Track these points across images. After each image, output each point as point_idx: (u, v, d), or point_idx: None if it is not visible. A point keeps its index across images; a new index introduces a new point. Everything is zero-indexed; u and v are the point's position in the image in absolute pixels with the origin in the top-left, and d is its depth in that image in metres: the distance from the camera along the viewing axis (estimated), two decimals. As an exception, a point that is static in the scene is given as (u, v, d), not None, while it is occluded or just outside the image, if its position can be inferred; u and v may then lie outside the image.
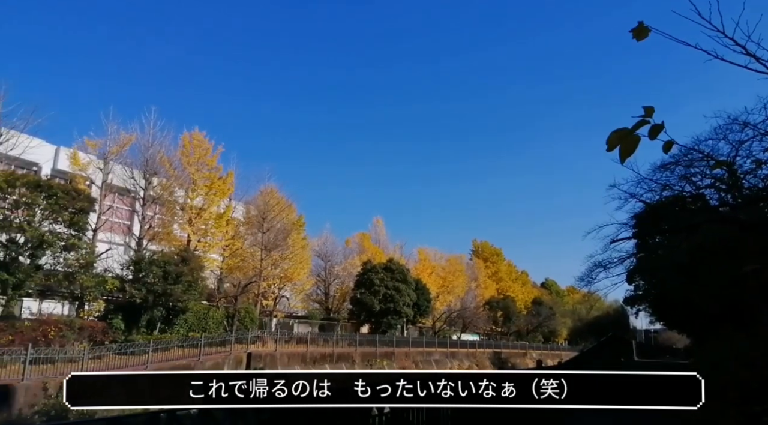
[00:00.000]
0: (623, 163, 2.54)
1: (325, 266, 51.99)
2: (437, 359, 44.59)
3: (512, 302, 71.58)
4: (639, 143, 2.50)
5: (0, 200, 22.81)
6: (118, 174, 32.64)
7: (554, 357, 63.02)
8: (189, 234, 34.05)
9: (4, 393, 17.72)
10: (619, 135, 2.51)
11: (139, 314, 27.46)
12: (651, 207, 21.43)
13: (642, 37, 2.90)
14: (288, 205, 41.36)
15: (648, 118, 2.51)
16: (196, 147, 34.75)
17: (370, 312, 43.53)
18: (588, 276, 23.49)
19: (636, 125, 2.52)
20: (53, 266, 24.55)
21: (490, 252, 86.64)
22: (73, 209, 24.20)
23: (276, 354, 30.12)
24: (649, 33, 2.88)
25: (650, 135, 2.51)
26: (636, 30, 2.89)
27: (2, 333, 22.16)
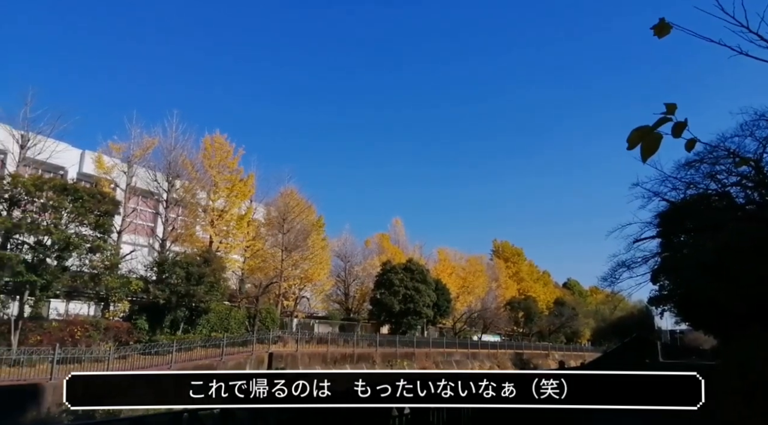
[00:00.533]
0: (645, 161, 2.50)
1: (345, 267, 52.17)
2: (458, 359, 44.39)
3: (534, 303, 70.89)
4: (661, 141, 2.46)
5: (28, 203, 23.34)
6: (141, 177, 33.22)
7: (577, 357, 62.28)
8: (211, 236, 34.48)
9: (34, 392, 18.16)
10: (640, 133, 2.47)
11: (163, 314, 27.88)
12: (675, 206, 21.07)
13: (663, 34, 2.85)
14: (308, 206, 41.63)
15: (670, 115, 2.46)
16: (217, 150, 35.19)
17: (390, 313, 43.53)
18: (611, 276, 23.21)
19: (657, 123, 2.48)
20: (79, 267, 25.02)
21: (511, 252, 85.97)
22: (99, 211, 24.63)
23: (297, 354, 30.31)
24: (670, 30, 2.83)
25: (673, 133, 2.46)
26: (657, 27, 2.84)
27: (31, 333, 22.73)
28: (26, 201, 23.27)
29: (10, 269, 21.73)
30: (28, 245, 23.01)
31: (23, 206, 23.34)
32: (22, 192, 23.03)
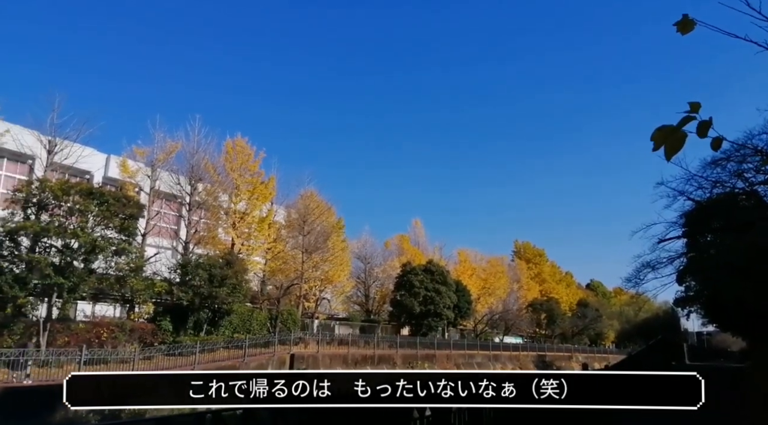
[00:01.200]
0: (669, 160, 2.46)
1: (365, 268, 52.27)
2: (479, 362, 44.10)
3: (556, 304, 70.05)
4: (686, 140, 2.42)
5: (56, 207, 23.86)
6: (165, 180, 33.74)
7: (601, 360, 61.35)
8: (233, 238, 34.85)
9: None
10: (663, 133, 2.43)
11: (186, 316, 28.25)
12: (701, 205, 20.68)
13: (687, 31, 2.81)
14: (327, 208, 41.81)
15: (694, 114, 2.42)
16: (238, 153, 35.59)
17: (411, 314, 43.45)
18: (636, 277, 22.87)
19: (681, 122, 2.44)
20: (105, 270, 25.46)
21: (533, 253, 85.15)
22: (124, 215, 25.06)
23: (318, 355, 30.46)
24: (694, 26, 2.79)
25: (698, 132, 2.42)
26: (681, 23, 2.80)
27: (59, 334, 23.24)
28: (54, 205, 23.78)
29: (39, 272, 22.23)
30: (55, 249, 23.49)
31: (51, 210, 23.86)
32: (50, 196, 23.55)
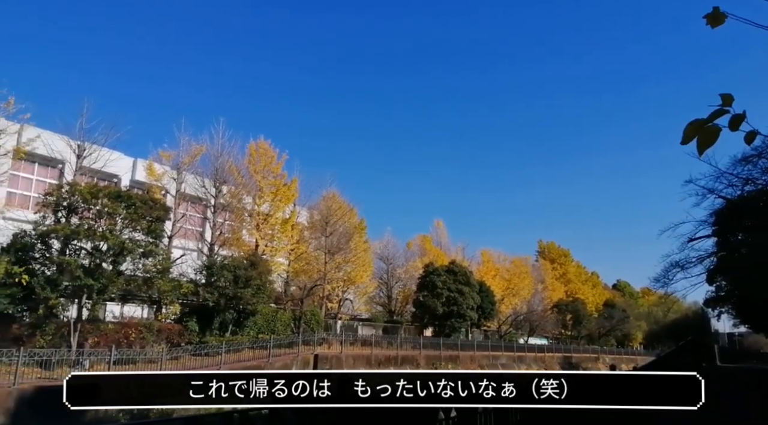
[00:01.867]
0: (701, 155, 2.40)
1: (387, 269, 52.28)
2: (504, 363, 43.71)
3: (582, 305, 69.04)
4: (719, 134, 2.35)
5: (85, 210, 24.41)
6: (190, 183, 34.26)
7: (629, 361, 60.27)
8: (257, 239, 35.20)
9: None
10: (695, 126, 2.37)
11: (212, 316, 28.61)
12: (732, 203, 20.17)
13: (717, 24, 2.73)
14: (349, 209, 41.94)
15: (727, 107, 2.35)
16: (262, 155, 35.95)
17: (434, 315, 43.29)
18: (664, 277, 22.44)
19: (712, 115, 2.37)
20: (133, 271, 25.91)
21: (557, 253, 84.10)
22: (151, 217, 25.48)
23: (341, 355, 30.55)
24: (725, 19, 2.71)
25: (730, 126, 2.35)
26: (711, 16, 2.72)
27: (89, 334, 23.76)
28: (83, 208, 24.32)
29: (70, 274, 22.76)
30: (85, 251, 24.01)
31: (81, 213, 24.40)
32: (80, 200, 24.09)
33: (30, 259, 23.26)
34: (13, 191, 35.07)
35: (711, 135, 2.35)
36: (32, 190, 35.78)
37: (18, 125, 28.70)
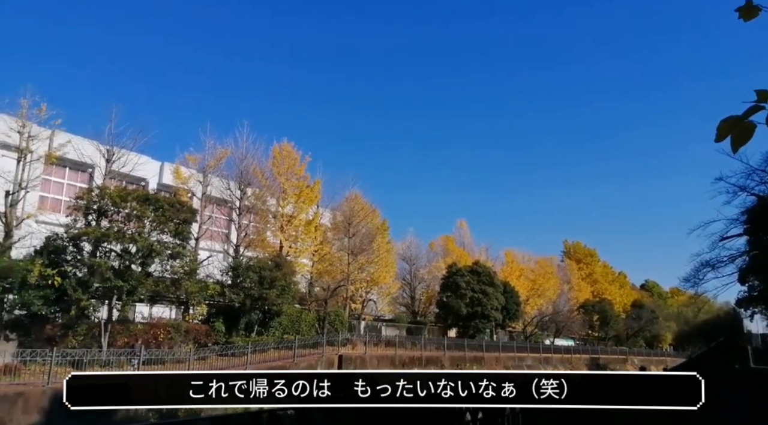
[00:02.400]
0: (735, 153, 2.35)
1: (410, 270, 52.21)
2: (529, 364, 43.21)
3: (609, 306, 67.92)
4: (754, 130, 2.30)
5: (114, 213, 24.94)
6: (215, 186, 34.74)
7: (658, 363, 59.05)
8: (281, 241, 35.52)
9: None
10: (729, 123, 2.32)
11: (238, 317, 28.94)
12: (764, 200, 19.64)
13: (750, 17, 2.69)
14: (372, 210, 42.02)
15: (762, 103, 2.30)
16: (285, 158, 36.28)
17: (457, 316, 43.07)
18: (694, 277, 22.00)
19: (747, 112, 2.33)
20: (161, 273, 26.37)
21: (583, 253, 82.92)
22: (178, 219, 25.89)
23: (366, 356, 30.58)
24: (758, 12, 2.66)
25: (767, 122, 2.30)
26: (743, 9, 2.68)
27: (119, 335, 24.25)
28: (113, 212, 24.85)
29: (100, 276, 23.28)
30: (115, 253, 24.54)
31: (110, 216, 24.93)
32: (109, 203, 24.63)
33: (62, 261, 23.86)
34: (45, 195, 36.05)
35: (746, 132, 2.31)
36: (63, 194, 36.73)
37: (49, 131, 29.51)
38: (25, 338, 22.52)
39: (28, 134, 27.42)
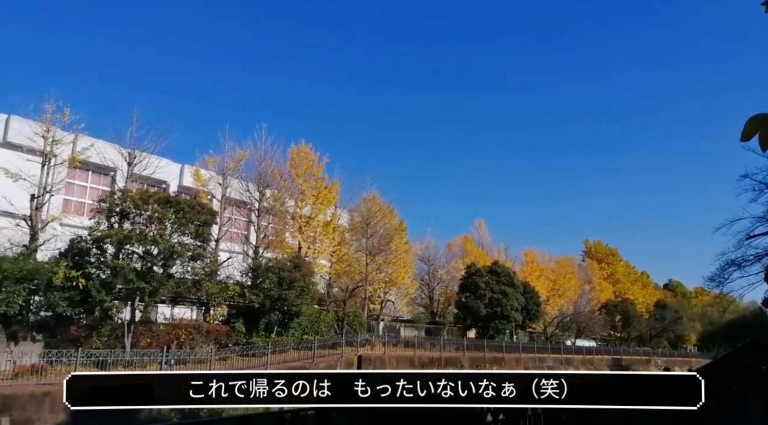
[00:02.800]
0: (765, 150, 2.29)
1: (429, 270, 52.08)
2: (550, 365, 42.77)
3: (632, 306, 66.90)
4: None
5: (136, 215, 25.31)
6: (235, 188, 35.10)
7: (683, 363, 58.01)
8: (300, 242, 35.72)
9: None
10: (757, 121, 2.26)
11: (258, 318, 29.16)
12: (792, 198, 19.10)
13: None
14: (389, 211, 41.98)
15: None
16: (303, 159, 36.49)
17: (477, 317, 42.81)
18: (719, 276, 21.54)
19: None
20: (182, 274, 26.67)
21: (605, 253, 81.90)
22: (198, 221, 26.17)
23: (384, 357, 30.58)
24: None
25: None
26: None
27: (142, 336, 24.61)
28: (135, 214, 25.21)
29: (123, 277, 23.64)
30: (137, 255, 24.89)
31: (132, 218, 25.30)
32: (131, 206, 25.00)
33: (86, 263, 24.28)
34: (69, 199, 36.78)
35: (775, 128, 2.25)
36: (87, 197, 37.41)
37: (73, 135, 30.11)
38: (50, 339, 22.96)
39: (52, 138, 28.04)
